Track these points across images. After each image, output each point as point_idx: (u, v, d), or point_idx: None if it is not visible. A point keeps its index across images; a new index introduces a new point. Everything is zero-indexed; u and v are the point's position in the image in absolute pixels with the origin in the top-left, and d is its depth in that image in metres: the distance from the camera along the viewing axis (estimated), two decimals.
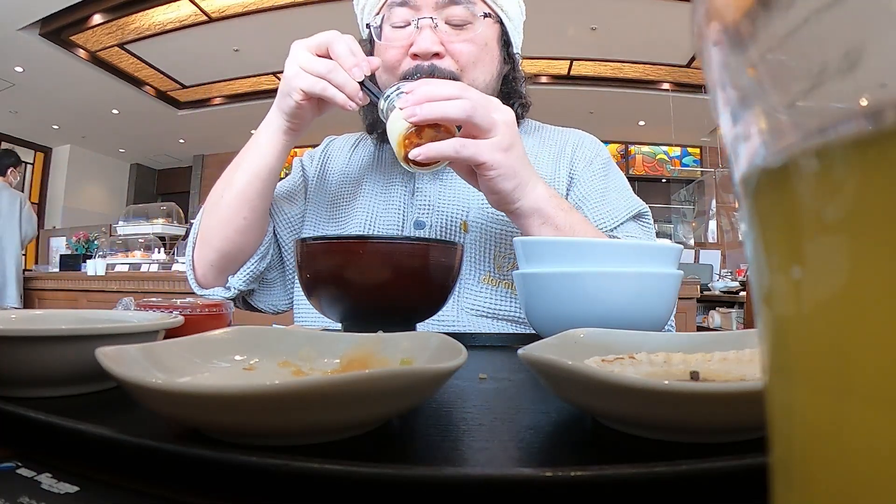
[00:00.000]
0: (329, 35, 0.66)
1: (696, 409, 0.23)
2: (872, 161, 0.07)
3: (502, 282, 0.74)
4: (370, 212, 0.80)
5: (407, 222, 0.78)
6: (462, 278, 0.73)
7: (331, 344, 0.36)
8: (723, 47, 0.09)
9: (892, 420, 0.07)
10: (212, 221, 0.74)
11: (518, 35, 0.83)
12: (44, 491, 0.20)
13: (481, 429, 0.27)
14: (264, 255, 0.78)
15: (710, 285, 4.09)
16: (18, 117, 6.16)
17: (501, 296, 0.73)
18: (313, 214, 0.84)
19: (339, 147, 0.91)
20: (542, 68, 5.14)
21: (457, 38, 0.73)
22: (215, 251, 0.74)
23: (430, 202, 0.77)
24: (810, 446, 0.09)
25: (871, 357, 0.07)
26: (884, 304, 0.07)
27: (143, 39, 4.71)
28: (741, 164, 0.10)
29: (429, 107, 0.57)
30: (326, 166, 0.88)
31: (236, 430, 0.23)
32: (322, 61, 0.64)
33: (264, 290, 0.83)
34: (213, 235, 0.74)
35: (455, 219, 0.76)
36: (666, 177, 7.09)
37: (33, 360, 0.30)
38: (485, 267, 0.74)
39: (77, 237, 4.08)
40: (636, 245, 0.57)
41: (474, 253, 0.74)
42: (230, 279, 0.77)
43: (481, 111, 0.58)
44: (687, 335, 0.38)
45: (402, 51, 0.74)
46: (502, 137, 0.59)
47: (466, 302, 0.73)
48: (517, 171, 0.60)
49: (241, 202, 0.72)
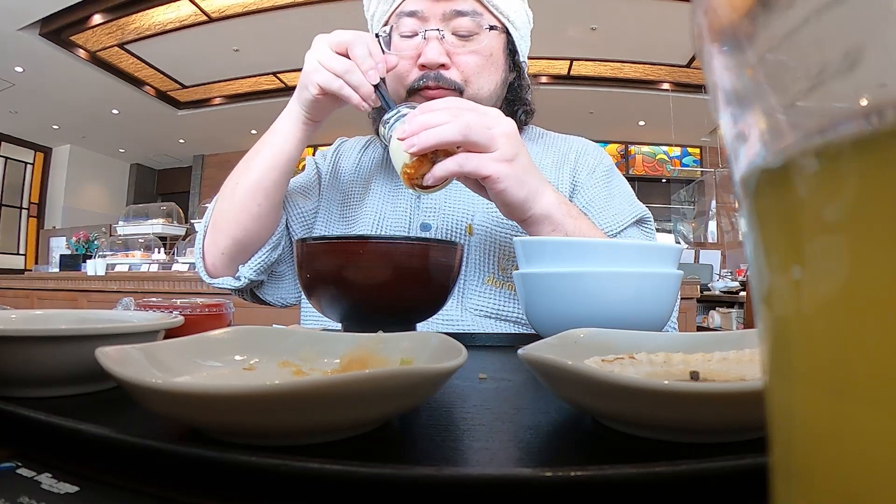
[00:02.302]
0: (350, 35, 0.67)
1: (696, 409, 0.23)
2: (872, 161, 0.07)
3: (506, 283, 0.75)
4: (378, 213, 0.81)
5: (413, 224, 0.79)
6: (466, 279, 0.74)
7: (331, 344, 0.36)
8: (722, 47, 0.09)
9: (892, 420, 0.07)
10: (225, 207, 0.74)
11: (525, 43, 0.85)
12: (44, 491, 0.20)
13: (481, 429, 0.27)
14: (276, 244, 0.78)
15: (710, 285, 4.09)
16: (18, 117, 6.17)
17: (505, 297, 0.74)
18: (325, 212, 0.85)
19: (349, 149, 0.93)
20: (542, 68, 5.14)
21: (463, 49, 0.75)
22: (228, 237, 0.75)
23: (436, 205, 0.79)
24: (810, 446, 0.09)
25: (871, 357, 0.07)
26: (884, 304, 0.07)
27: (143, 39, 4.71)
28: (741, 164, 0.10)
29: (425, 135, 0.58)
30: (338, 166, 0.90)
31: (236, 430, 0.23)
32: (341, 60, 0.66)
33: (273, 283, 0.83)
34: (227, 221, 0.74)
35: (461, 222, 0.77)
36: (666, 177, 7.09)
37: (33, 360, 0.30)
38: (489, 269, 0.75)
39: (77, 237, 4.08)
40: (636, 245, 0.57)
41: (479, 255, 0.75)
42: (240, 268, 0.77)
43: (477, 129, 0.58)
44: (687, 335, 0.38)
45: (410, 61, 0.75)
46: (504, 150, 0.59)
47: (470, 302, 0.74)
48: (524, 181, 0.61)
49: (256, 188, 0.73)
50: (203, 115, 6.28)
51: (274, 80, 5.54)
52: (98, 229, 4.42)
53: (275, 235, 0.78)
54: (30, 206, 7.21)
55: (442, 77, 0.74)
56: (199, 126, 6.56)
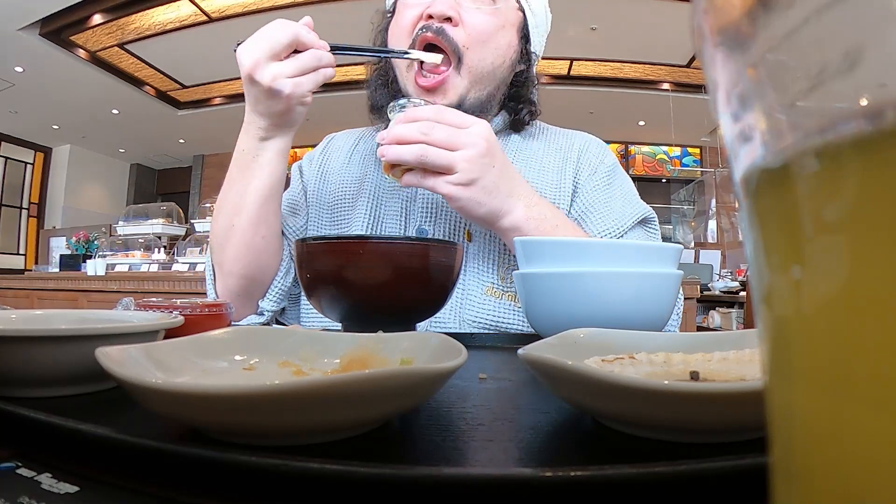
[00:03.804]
0: (277, 33, 0.68)
1: (696, 409, 0.23)
2: (872, 161, 0.07)
3: (506, 294, 0.73)
4: (372, 217, 0.79)
5: (409, 230, 0.77)
6: (465, 289, 0.73)
7: (331, 344, 0.36)
8: (722, 47, 0.09)
9: (892, 420, 0.07)
10: (227, 251, 0.72)
11: (539, 37, 0.83)
12: (44, 491, 0.20)
13: (481, 429, 0.27)
14: (287, 269, 0.77)
15: (710, 285, 4.10)
16: (18, 117, 6.16)
17: (505, 308, 0.72)
18: (315, 219, 0.83)
19: (339, 146, 0.90)
20: (543, 68, 5.12)
21: (474, 6, 0.74)
22: (239, 278, 0.73)
23: (433, 210, 0.77)
24: (810, 446, 0.09)
25: (871, 357, 0.07)
26: (884, 304, 0.07)
27: (143, 39, 4.71)
28: (741, 164, 0.10)
29: (389, 150, 0.62)
30: (326, 167, 0.87)
31: (236, 430, 0.23)
32: (300, 59, 0.66)
33: (294, 307, 0.82)
34: (234, 262, 0.72)
35: (458, 227, 0.76)
36: (666, 177, 7.09)
37: (33, 360, 0.30)
38: (489, 278, 0.73)
39: (77, 237, 4.07)
40: (636, 245, 0.57)
41: (478, 263, 0.74)
42: (260, 303, 0.76)
43: (434, 154, 0.61)
44: (687, 335, 0.38)
45: (418, 15, 0.74)
46: (462, 174, 0.61)
47: (469, 314, 0.72)
48: (483, 202, 0.63)
49: (257, 223, 0.70)
50: (203, 115, 6.27)
51: None
52: (98, 229, 4.41)
53: (283, 261, 0.76)
54: (30, 206, 7.21)
55: (444, 33, 0.72)
56: (199, 126, 6.55)
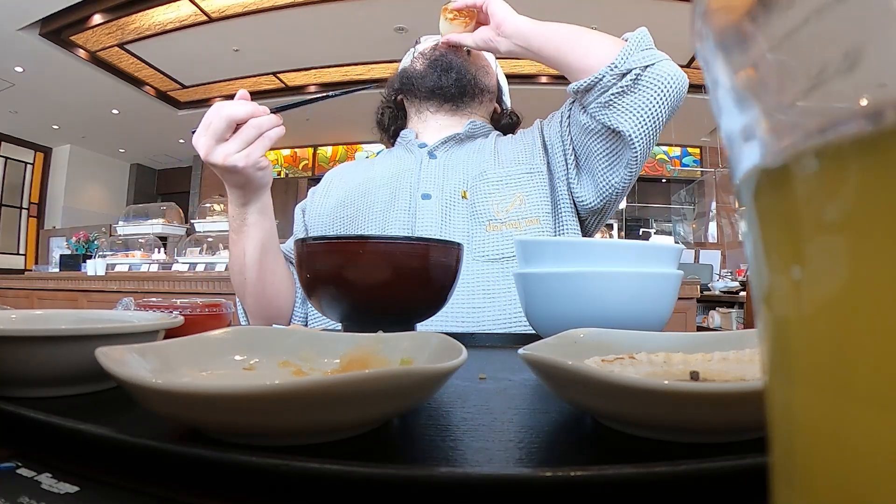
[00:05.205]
0: (216, 119, 0.75)
1: (696, 409, 0.23)
2: (872, 161, 0.07)
3: (503, 224, 0.84)
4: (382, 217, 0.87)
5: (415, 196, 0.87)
6: (470, 231, 0.84)
7: (331, 344, 0.36)
8: (722, 47, 0.09)
9: (892, 420, 0.07)
10: (247, 301, 0.82)
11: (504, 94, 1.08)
12: (44, 491, 0.20)
13: (481, 429, 0.27)
14: (304, 299, 0.84)
15: (710, 285, 4.09)
16: (18, 117, 6.16)
17: (505, 238, 0.83)
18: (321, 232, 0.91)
19: (338, 174, 1.01)
20: (542, 68, 5.12)
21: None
22: (264, 319, 0.83)
23: (434, 179, 0.88)
24: (810, 446, 0.09)
25: (871, 357, 0.07)
26: (884, 304, 0.07)
27: (143, 39, 4.71)
28: (741, 164, 0.10)
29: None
30: (328, 194, 0.96)
31: (236, 430, 0.23)
32: (241, 134, 0.73)
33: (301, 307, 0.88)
34: (255, 310, 0.82)
35: (456, 189, 0.87)
36: (666, 177, 7.09)
37: (33, 360, 0.30)
38: (487, 217, 0.84)
39: (77, 237, 4.07)
40: (636, 245, 0.57)
41: (476, 210, 0.85)
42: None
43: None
44: (687, 335, 0.38)
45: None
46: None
47: (477, 251, 0.82)
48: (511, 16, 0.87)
49: (262, 277, 0.79)
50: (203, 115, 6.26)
51: (274, 80, 5.54)
52: (98, 229, 4.41)
53: (298, 290, 0.84)
54: (30, 206, 7.21)
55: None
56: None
